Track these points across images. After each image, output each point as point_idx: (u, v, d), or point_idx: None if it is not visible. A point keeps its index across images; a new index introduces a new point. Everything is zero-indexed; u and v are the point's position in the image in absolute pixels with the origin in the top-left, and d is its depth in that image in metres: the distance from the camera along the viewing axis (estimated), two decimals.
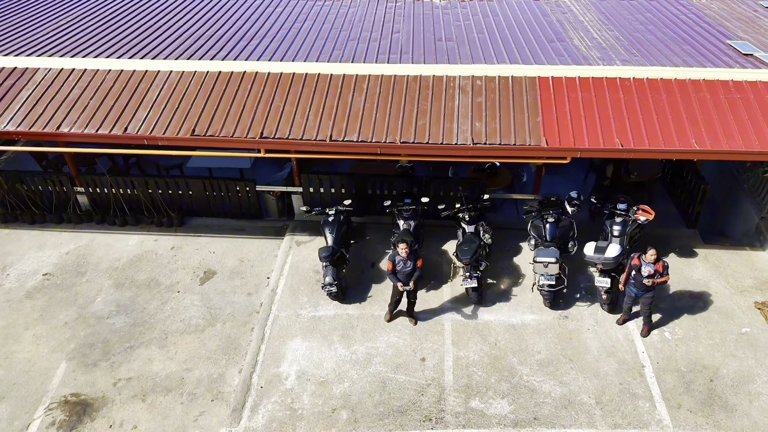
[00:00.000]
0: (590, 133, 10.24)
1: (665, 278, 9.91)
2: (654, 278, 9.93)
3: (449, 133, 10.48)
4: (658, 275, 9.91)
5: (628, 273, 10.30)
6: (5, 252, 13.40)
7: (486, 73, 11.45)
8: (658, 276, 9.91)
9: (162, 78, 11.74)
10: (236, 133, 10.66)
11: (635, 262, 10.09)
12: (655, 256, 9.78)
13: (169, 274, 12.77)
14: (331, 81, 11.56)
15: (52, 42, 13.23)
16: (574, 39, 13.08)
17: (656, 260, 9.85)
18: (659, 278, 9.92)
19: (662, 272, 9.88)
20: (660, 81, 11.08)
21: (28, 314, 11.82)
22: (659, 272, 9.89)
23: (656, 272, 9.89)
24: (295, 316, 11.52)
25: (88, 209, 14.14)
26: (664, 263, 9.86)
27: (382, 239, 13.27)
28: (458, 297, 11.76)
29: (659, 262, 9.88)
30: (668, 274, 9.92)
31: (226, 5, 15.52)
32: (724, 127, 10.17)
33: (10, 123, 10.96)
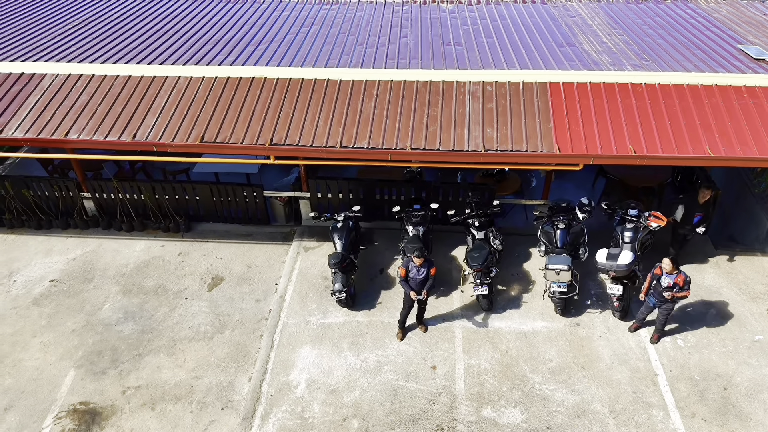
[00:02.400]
0: (602, 140, 10.16)
1: (685, 293, 9.75)
2: (673, 291, 9.80)
3: (460, 140, 10.41)
4: (678, 288, 9.76)
5: (650, 282, 10.18)
6: (12, 258, 13.33)
7: (496, 79, 11.38)
8: (677, 289, 9.77)
9: (170, 83, 11.68)
10: (246, 139, 10.59)
11: (657, 272, 9.96)
12: (671, 266, 9.65)
13: (177, 280, 12.70)
14: (341, 86, 11.49)
15: (59, 46, 13.18)
16: (584, 43, 13.00)
17: (677, 272, 9.71)
18: (679, 292, 9.78)
19: (683, 287, 9.73)
20: (672, 86, 11.00)
21: (35, 321, 11.75)
22: (679, 286, 9.74)
23: (676, 285, 9.75)
24: (304, 323, 11.45)
25: (95, 214, 14.07)
26: (686, 278, 9.67)
27: (391, 245, 13.20)
28: (468, 304, 11.68)
29: (680, 275, 9.71)
30: (689, 290, 9.77)
31: (233, 9, 15.45)
32: (738, 134, 10.09)
33: (18, 129, 10.90)
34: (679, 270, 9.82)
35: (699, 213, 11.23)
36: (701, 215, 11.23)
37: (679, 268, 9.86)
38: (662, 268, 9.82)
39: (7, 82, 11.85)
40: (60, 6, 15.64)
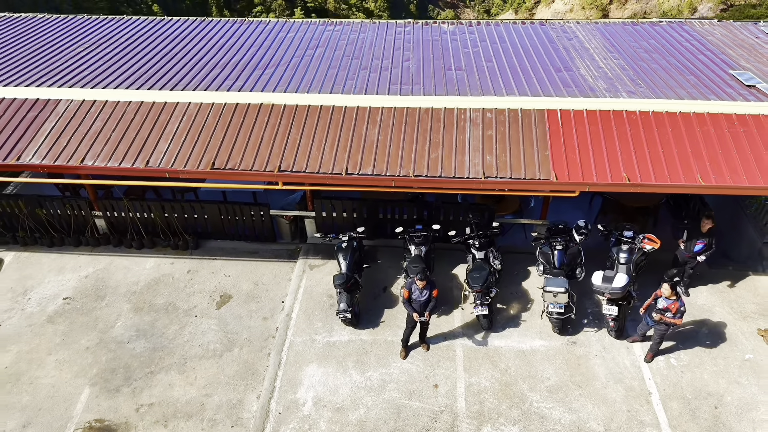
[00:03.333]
0: (598, 167, 10.57)
1: (675, 321, 10.13)
2: (664, 315, 10.20)
3: (461, 166, 10.82)
4: (669, 314, 10.15)
5: (652, 300, 10.55)
6: (26, 276, 13.73)
7: (496, 106, 11.78)
8: (669, 315, 10.16)
9: (181, 109, 12.09)
10: (255, 165, 11.00)
11: (658, 293, 10.34)
12: (669, 292, 10.01)
13: (186, 298, 13.09)
14: (346, 113, 11.91)
15: (72, 71, 13.60)
16: (581, 68, 13.41)
17: (674, 299, 10.07)
18: (669, 317, 10.17)
19: (674, 314, 10.10)
20: (665, 114, 11.41)
21: (50, 339, 12.15)
22: (671, 312, 10.12)
23: (668, 310, 10.13)
24: (311, 341, 11.85)
25: (106, 232, 14.46)
26: (681, 307, 10.03)
27: (394, 263, 13.59)
28: (469, 323, 12.08)
29: (676, 303, 10.08)
30: (681, 319, 10.15)
31: (239, 30, 15.88)
32: (728, 162, 10.50)
33: (35, 156, 11.31)
34: (678, 297, 10.16)
35: (701, 241, 11.62)
36: (703, 243, 11.61)
37: (679, 296, 10.20)
38: (662, 291, 10.19)
39: (23, 108, 12.26)
40: (69, 29, 16.10)
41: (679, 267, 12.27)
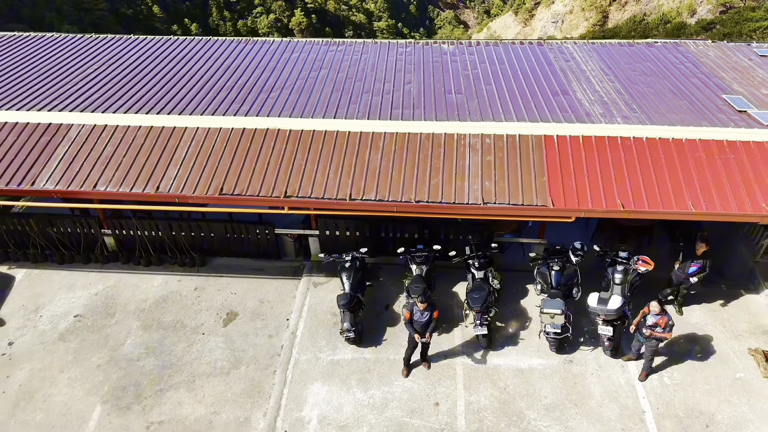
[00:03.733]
0: (593, 194, 10.96)
1: (666, 335, 10.58)
2: (654, 330, 10.63)
3: (461, 192, 11.20)
4: (659, 329, 10.58)
5: (641, 318, 10.98)
6: (37, 293, 14.10)
7: (494, 131, 12.16)
8: (659, 330, 10.58)
9: (190, 134, 12.47)
10: (262, 191, 11.38)
11: (646, 310, 10.79)
12: (658, 308, 10.48)
13: (194, 315, 13.47)
14: (349, 138, 12.28)
15: (82, 94, 13.99)
16: (577, 91, 13.79)
17: (662, 314, 10.51)
18: (659, 332, 10.60)
19: (664, 328, 10.54)
20: (658, 140, 11.79)
21: (62, 357, 12.52)
22: (661, 327, 10.55)
23: (657, 325, 10.57)
24: (315, 359, 12.22)
25: (115, 250, 14.83)
26: (669, 321, 10.49)
27: (396, 281, 13.95)
28: (469, 341, 12.45)
29: (664, 318, 10.52)
30: (670, 333, 10.57)
31: (244, 51, 16.26)
32: (719, 189, 10.88)
33: (49, 181, 11.69)
34: (665, 313, 10.62)
35: (696, 263, 11.99)
36: (698, 266, 11.99)
37: (666, 312, 10.65)
38: (650, 308, 10.64)
39: (36, 132, 12.65)
40: (78, 49, 16.47)
41: (674, 287, 12.65)
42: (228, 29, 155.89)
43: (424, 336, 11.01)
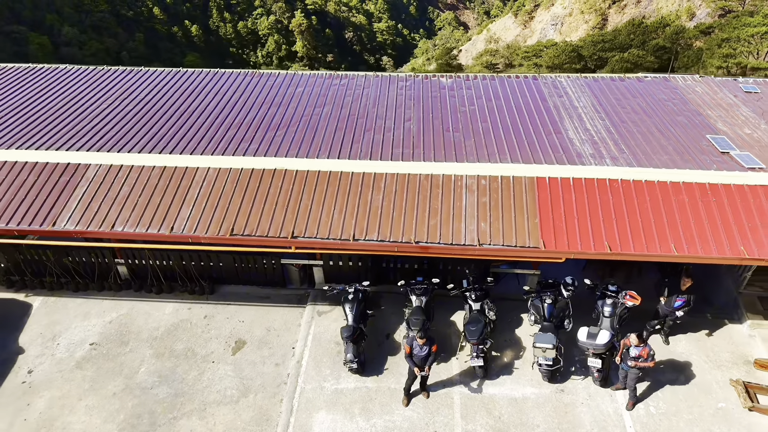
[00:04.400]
0: (582, 236, 11.65)
1: (648, 364, 11.32)
2: (638, 361, 11.36)
3: (458, 233, 11.89)
4: (642, 360, 11.32)
5: (622, 350, 11.70)
6: (54, 321, 14.78)
7: (490, 173, 12.85)
8: (642, 360, 11.32)
9: (201, 175, 13.15)
10: (270, 231, 12.07)
11: (627, 342, 11.52)
12: (637, 341, 11.23)
13: (204, 343, 14.14)
14: (353, 179, 12.97)
15: (98, 132, 14.69)
16: (569, 130, 14.47)
17: (643, 345, 11.24)
18: (642, 362, 11.33)
19: (646, 358, 11.28)
20: (644, 183, 12.48)
21: (79, 384, 13.20)
22: (644, 357, 11.29)
23: (641, 356, 11.29)
24: (320, 388, 12.91)
25: (127, 278, 15.51)
26: (650, 351, 11.25)
27: (396, 309, 14.62)
28: (466, 371, 13.14)
29: (645, 348, 11.27)
30: (653, 361, 11.31)
31: (251, 85, 16.95)
32: (700, 232, 11.58)
33: (69, 222, 12.38)
34: (646, 344, 11.36)
35: (681, 298, 12.69)
36: (683, 300, 12.68)
37: (647, 342, 11.40)
38: (630, 341, 11.37)
39: (56, 172, 13.33)
40: (90, 85, 17.13)
41: (660, 319, 13.34)
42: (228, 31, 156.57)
43: (423, 369, 11.69)
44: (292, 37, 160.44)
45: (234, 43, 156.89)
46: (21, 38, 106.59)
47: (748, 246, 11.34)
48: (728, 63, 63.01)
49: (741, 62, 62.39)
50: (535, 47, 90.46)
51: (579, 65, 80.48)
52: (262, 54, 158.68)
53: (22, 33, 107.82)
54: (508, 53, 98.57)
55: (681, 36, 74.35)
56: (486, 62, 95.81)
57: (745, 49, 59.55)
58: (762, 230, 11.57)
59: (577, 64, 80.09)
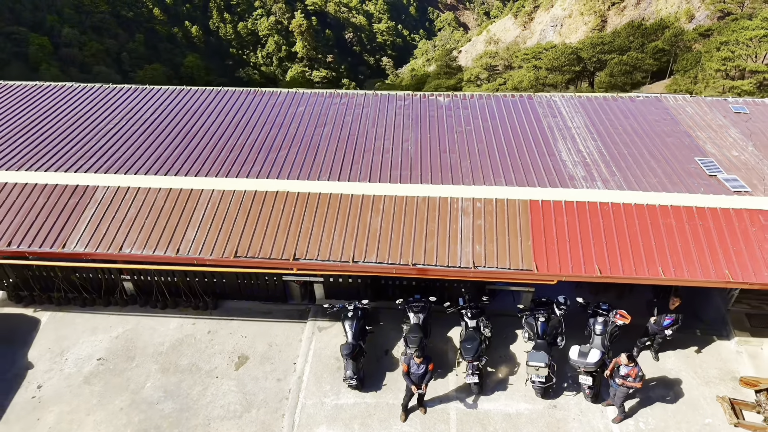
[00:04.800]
0: (573, 259, 12.09)
1: (636, 385, 11.75)
2: (626, 380, 11.79)
3: (453, 256, 12.33)
4: (630, 379, 11.75)
5: (612, 367, 12.13)
6: (62, 336, 15.21)
7: (485, 195, 13.29)
8: (630, 380, 11.76)
9: (206, 197, 13.59)
10: (273, 253, 12.51)
11: (618, 361, 11.94)
12: (626, 360, 11.65)
13: (208, 359, 14.58)
14: (352, 201, 13.41)
15: (105, 153, 15.13)
16: (563, 151, 14.91)
17: (633, 365, 11.67)
18: (630, 382, 11.77)
19: (634, 378, 11.71)
20: (634, 206, 12.92)
21: (87, 399, 13.64)
22: (632, 377, 11.73)
23: (629, 376, 11.73)
24: (320, 404, 13.35)
25: (133, 294, 15.94)
26: (639, 372, 11.67)
27: (395, 325, 15.05)
28: (462, 386, 13.58)
29: (635, 369, 11.70)
30: (640, 382, 11.74)
31: (252, 104, 17.37)
32: (686, 256, 12.02)
33: (79, 243, 12.82)
34: (636, 364, 11.78)
35: (670, 317, 13.13)
36: (671, 319, 13.12)
37: (636, 363, 11.82)
38: (621, 360, 11.80)
39: (65, 194, 13.77)
40: (96, 104, 17.56)
41: (650, 336, 13.79)
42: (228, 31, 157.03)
43: (420, 387, 12.14)
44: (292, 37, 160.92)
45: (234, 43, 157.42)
46: (21, 39, 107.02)
47: (732, 269, 11.79)
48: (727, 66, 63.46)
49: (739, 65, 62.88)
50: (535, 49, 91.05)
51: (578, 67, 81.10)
52: (262, 55, 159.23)
53: (23, 34, 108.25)
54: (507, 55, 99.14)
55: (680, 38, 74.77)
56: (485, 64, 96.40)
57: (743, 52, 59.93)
58: (746, 253, 12.02)
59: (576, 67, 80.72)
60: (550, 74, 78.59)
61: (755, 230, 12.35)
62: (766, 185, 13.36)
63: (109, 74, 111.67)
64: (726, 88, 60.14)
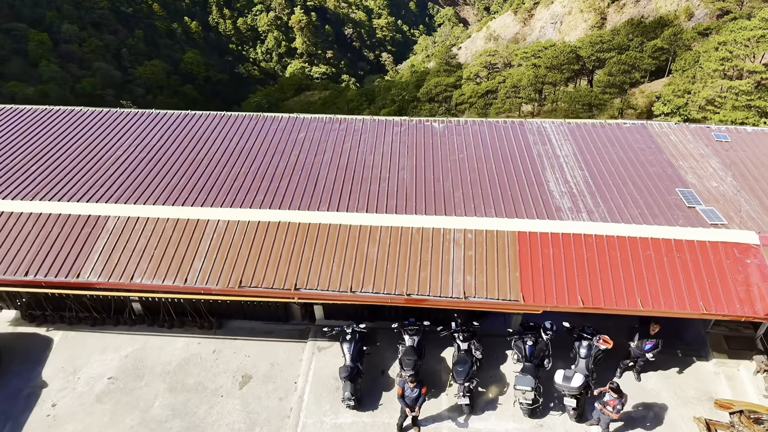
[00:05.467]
0: (558, 290, 12.89)
1: (613, 415, 12.51)
2: (605, 407, 12.56)
3: (446, 287, 13.12)
4: (609, 408, 12.51)
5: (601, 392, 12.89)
6: (74, 355, 15.99)
7: (476, 227, 14.06)
8: (609, 408, 12.52)
9: (211, 227, 14.36)
10: (275, 283, 13.30)
11: (603, 389, 12.70)
12: (610, 392, 12.39)
13: (213, 378, 15.37)
14: (350, 232, 14.18)
15: (115, 182, 15.90)
16: (551, 182, 15.67)
17: (616, 396, 12.41)
18: (608, 410, 12.53)
19: (613, 408, 12.46)
20: (616, 238, 13.70)
21: (99, 418, 14.43)
22: (611, 407, 12.47)
23: (608, 404, 12.49)
24: (320, 423, 14.16)
25: (141, 314, 16.71)
26: (618, 405, 12.39)
27: (391, 346, 15.80)
28: (454, 406, 14.37)
29: (615, 400, 12.44)
30: (618, 414, 12.48)
31: (255, 131, 18.09)
32: (664, 288, 12.81)
33: (92, 273, 13.59)
34: (620, 397, 12.49)
35: (650, 342, 13.91)
36: (652, 344, 13.91)
37: (621, 395, 12.54)
38: (609, 388, 12.55)
39: (78, 224, 14.53)
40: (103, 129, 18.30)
41: (632, 358, 14.58)
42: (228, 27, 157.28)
43: (414, 409, 12.94)
44: (291, 33, 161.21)
45: (233, 39, 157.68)
46: (21, 35, 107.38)
47: (706, 302, 12.59)
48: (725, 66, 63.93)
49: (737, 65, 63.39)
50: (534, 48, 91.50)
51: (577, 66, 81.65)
52: (261, 50, 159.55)
53: (22, 30, 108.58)
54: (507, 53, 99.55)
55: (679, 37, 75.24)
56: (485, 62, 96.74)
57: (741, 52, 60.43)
58: (720, 286, 12.81)
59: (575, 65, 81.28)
60: (549, 72, 79.10)
61: (729, 263, 13.14)
62: (741, 218, 14.14)
63: (109, 70, 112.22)
64: (724, 88, 60.79)
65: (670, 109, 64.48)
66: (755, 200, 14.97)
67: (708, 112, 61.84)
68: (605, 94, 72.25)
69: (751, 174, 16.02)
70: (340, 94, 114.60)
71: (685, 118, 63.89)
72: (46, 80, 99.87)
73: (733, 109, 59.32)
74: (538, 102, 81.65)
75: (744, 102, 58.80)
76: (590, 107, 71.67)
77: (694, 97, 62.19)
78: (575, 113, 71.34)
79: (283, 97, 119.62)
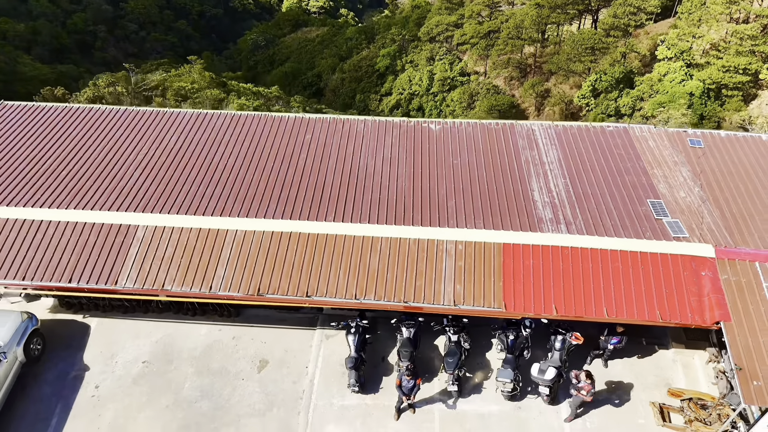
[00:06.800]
0: (536, 299, 14.89)
1: (586, 398, 14.72)
2: (579, 392, 14.78)
3: (438, 295, 15.08)
4: (583, 392, 14.71)
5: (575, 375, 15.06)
6: (111, 341, 18.09)
7: (466, 239, 15.87)
8: (583, 392, 14.72)
9: (231, 237, 16.15)
10: (289, 291, 15.25)
11: (579, 376, 14.86)
12: (584, 377, 14.55)
13: (234, 362, 17.53)
14: (354, 242, 16.00)
15: (141, 188, 17.51)
16: (535, 191, 17.37)
17: (589, 382, 14.57)
18: (582, 394, 14.74)
19: (587, 393, 14.64)
20: (589, 251, 15.55)
21: (137, 398, 16.65)
22: (585, 391, 14.65)
23: (582, 389, 14.69)
24: (329, 404, 16.42)
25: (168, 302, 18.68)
26: (591, 389, 14.58)
27: (390, 334, 17.89)
28: (444, 390, 16.57)
29: (588, 386, 14.63)
30: (590, 398, 14.68)
31: (264, 132, 19.57)
32: (627, 297, 14.79)
33: (128, 280, 15.48)
34: (592, 382, 14.69)
35: (616, 338, 15.99)
36: (618, 339, 16.00)
37: (593, 381, 14.72)
38: (581, 374, 14.70)
39: (111, 233, 16.29)
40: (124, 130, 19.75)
41: (600, 349, 16.74)
42: None
43: (410, 398, 15.16)
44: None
45: None
46: None
47: (663, 311, 14.59)
48: (731, 9, 63.55)
49: (745, 8, 63.15)
50: None
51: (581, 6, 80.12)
52: None
53: None
54: None
55: None
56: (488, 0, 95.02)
57: None
58: (676, 296, 14.78)
59: (579, 5, 79.89)
60: (552, 13, 77.91)
61: (686, 275, 15.05)
62: (702, 230, 15.94)
63: (100, 5, 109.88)
64: (729, 31, 60.64)
65: (674, 53, 64.46)
66: (717, 211, 16.72)
67: (711, 57, 62.05)
68: (609, 38, 71.05)
69: (717, 183, 17.69)
70: (339, 31, 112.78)
71: (688, 63, 63.98)
72: (36, 16, 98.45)
73: (737, 54, 59.36)
74: (540, 43, 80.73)
75: (748, 47, 58.66)
76: (593, 50, 70.74)
77: (698, 41, 61.82)
78: (577, 57, 71.15)
79: (279, 34, 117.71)
